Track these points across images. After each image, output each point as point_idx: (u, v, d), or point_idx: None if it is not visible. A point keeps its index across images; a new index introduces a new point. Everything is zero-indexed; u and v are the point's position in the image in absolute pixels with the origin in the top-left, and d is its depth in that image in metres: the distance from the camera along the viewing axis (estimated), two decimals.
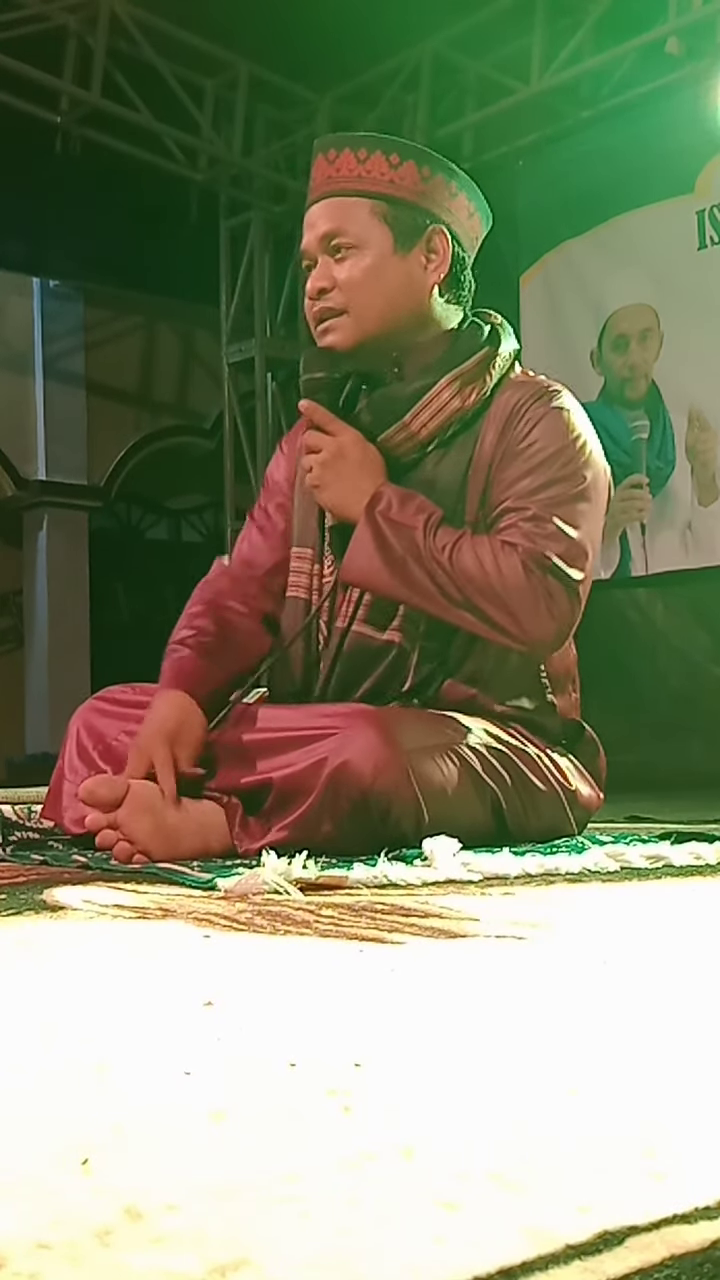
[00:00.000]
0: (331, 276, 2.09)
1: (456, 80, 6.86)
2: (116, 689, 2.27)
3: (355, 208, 2.09)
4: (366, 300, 2.08)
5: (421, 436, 2.10)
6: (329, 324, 2.10)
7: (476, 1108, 0.65)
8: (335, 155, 2.11)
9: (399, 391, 2.10)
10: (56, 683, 8.97)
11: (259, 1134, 0.60)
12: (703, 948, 1.20)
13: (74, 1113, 0.64)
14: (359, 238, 2.08)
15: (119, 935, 1.24)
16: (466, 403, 2.09)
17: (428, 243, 2.11)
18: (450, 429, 2.10)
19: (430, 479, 2.10)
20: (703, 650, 6.39)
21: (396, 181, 2.09)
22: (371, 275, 2.08)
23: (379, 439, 2.09)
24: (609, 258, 6.61)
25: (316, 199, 2.13)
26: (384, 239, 2.09)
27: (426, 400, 2.08)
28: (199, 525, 10.87)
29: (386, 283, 2.09)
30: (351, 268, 2.08)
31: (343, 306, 2.09)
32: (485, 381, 2.10)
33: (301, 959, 1.10)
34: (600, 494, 2.09)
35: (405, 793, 1.86)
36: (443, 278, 2.13)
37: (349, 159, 2.10)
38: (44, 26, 6.58)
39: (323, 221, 2.10)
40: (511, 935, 1.19)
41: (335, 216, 2.09)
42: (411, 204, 2.10)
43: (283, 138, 7.63)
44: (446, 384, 2.08)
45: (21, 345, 9.30)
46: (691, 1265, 0.46)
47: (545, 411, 2.08)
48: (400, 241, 2.09)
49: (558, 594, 1.99)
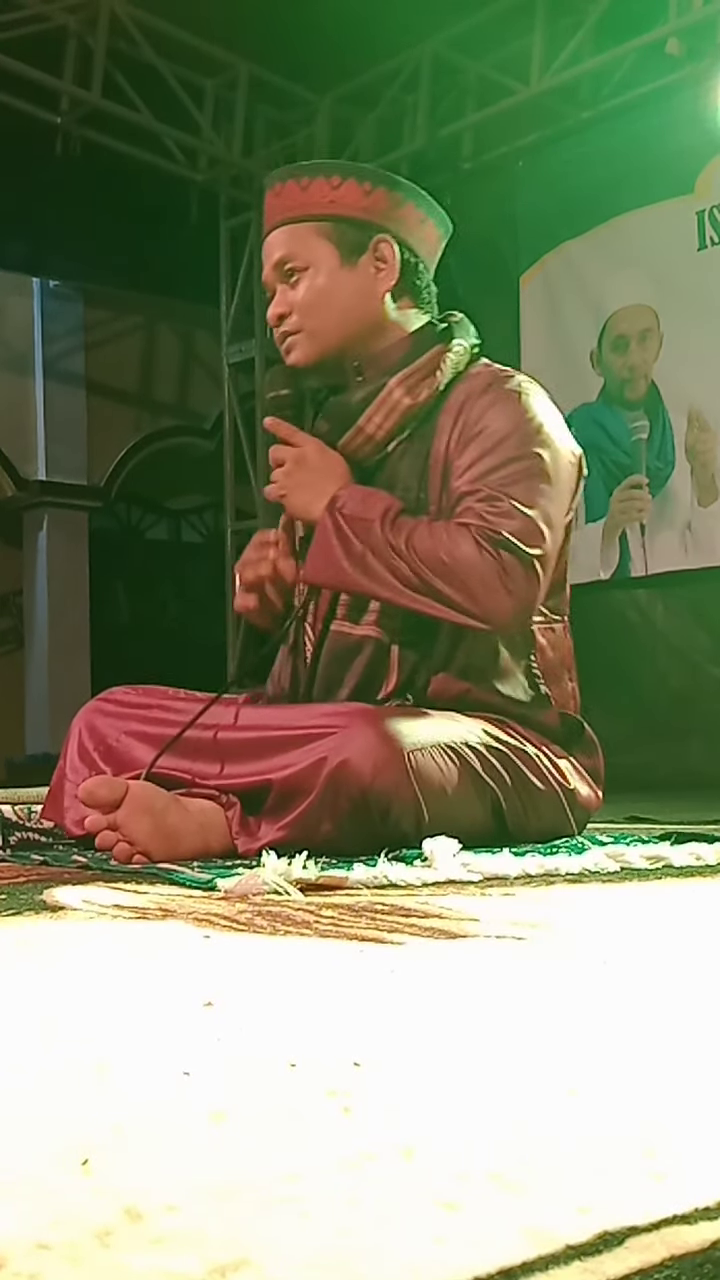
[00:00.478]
0: (288, 301, 2.18)
1: (456, 81, 6.85)
2: (119, 690, 2.27)
3: (302, 232, 2.17)
4: (321, 316, 2.16)
5: (379, 437, 2.15)
6: (289, 343, 2.19)
7: (476, 1108, 0.65)
8: (280, 188, 2.21)
9: (351, 397, 2.17)
10: (56, 683, 8.97)
11: (259, 1134, 0.60)
12: (703, 948, 1.20)
13: (74, 1113, 0.64)
14: (308, 259, 2.17)
15: (119, 935, 1.24)
16: (418, 399, 2.14)
17: (374, 252, 2.18)
18: (406, 426, 2.15)
19: (393, 476, 2.15)
20: (703, 650, 6.39)
21: (338, 200, 2.17)
22: (323, 293, 2.16)
23: (339, 445, 2.15)
24: (609, 258, 6.60)
25: (268, 232, 2.22)
26: (330, 255, 2.17)
27: (379, 402, 2.14)
28: (199, 526, 10.87)
29: (338, 297, 2.17)
30: (305, 289, 2.17)
31: (299, 328, 2.18)
32: (437, 377, 2.15)
33: (301, 959, 1.10)
34: (561, 473, 2.11)
35: (405, 792, 1.86)
36: (394, 283, 2.19)
37: (293, 189, 2.19)
38: (44, 27, 6.58)
39: (275, 250, 2.20)
40: (511, 936, 1.19)
41: (285, 244, 2.18)
42: (354, 219, 2.17)
43: (283, 138, 7.63)
44: (397, 383, 2.14)
45: (21, 345, 9.30)
46: (691, 1265, 0.46)
47: (498, 395, 2.12)
48: (346, 255, 2.17)
49: (513, 569, 2.00)
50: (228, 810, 1.96)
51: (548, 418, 2.14)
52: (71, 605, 9.30)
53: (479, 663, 2.10)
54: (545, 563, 2.05)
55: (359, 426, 2.14)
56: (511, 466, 2.06)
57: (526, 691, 2.15)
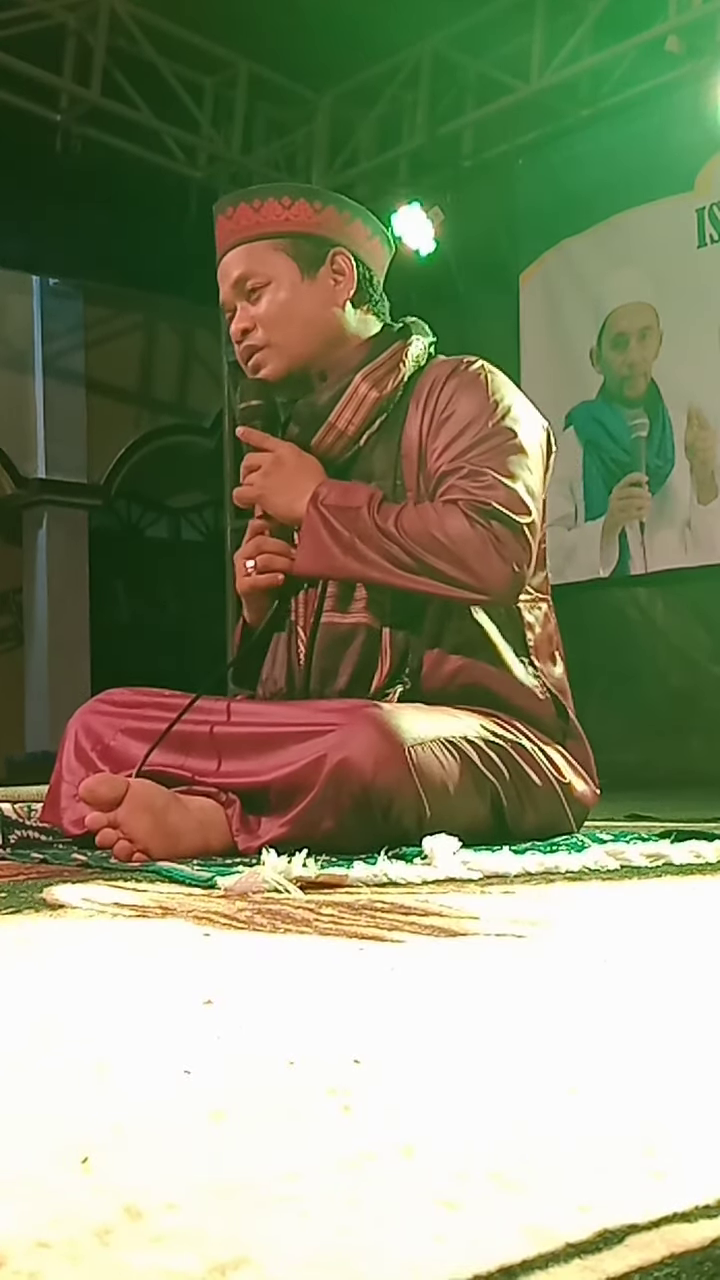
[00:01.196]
0: (250, 317, 2.23)
1: (456, 79, 6.85)
2: (116, 691, 2.27)
3: (260, 250, 2.23)
4: (285, 329, 2.22)
5: (350, 432, 2.20)
6: (256, 359, 2.24)
7: (476, 1107, 0.65)
8: (232, 211, 2.27)
9: (319, 398, 2.21)
10: (56, 681, 8.97)
11: (259, 1134, 0.60)
12: (703, 947, 1.20)
13: (74, 1112, 0.64)
14: (268, 274, 2.22)
15: (119, 933, 1.24)
16: (385, 391, 2.20)
17: (332, 264, 2.24)
18: (375, 419, 2.20)
19: (368, 469, 2.20)
20: (702, 648, 6.39)
21: (292, 219, 2.23)
22: (286, 306, 2.22)
23: (311, 445, 2.19)
24: (608, 256, 6.60)
25: (223, 254, 2.28)
26: (290, 270, 2.22)
27: (346, 398, 2.19)
28: (199, 524, 10.87)
29: (301, 308, 2.22)
30: (267, 304, 2.22)
31: (265, 342, 2.22)
32: (400, 369, 2.21)
33: (301, 957, 1.10)
34: (533, 447, 2.16)
35: (406, 788, 1.86)
36: (353, 293, 2.25)
37: (245, 211, 2.25)
38: (43, 24, 6.57)
39: (233, 268, 2.25)
40: (511, 934, 1.19)
41: (243, 262, 2.24)
42: (309, 235, 2.23)
43: (282, 136, 7.63)
44: (362, 379, 2.20)
45: (21, 344, 9.29)
46: (691, 1264, 0.46)
47: (463, 379, 2.18)
48: (305, 269, 2.23)
49: (505, 537, 2.04)
50: (227, 808, 1.96)
51: (513, 396, 2.19)
52: (71, 603, 9.29)
53: (470, 638, 2.13)
54: (534, 530, 2.10)
55: (330, 423, 2.19)
56: (487, 444, 2.11)
57: (517, 666, 2.17)
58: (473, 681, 2.11)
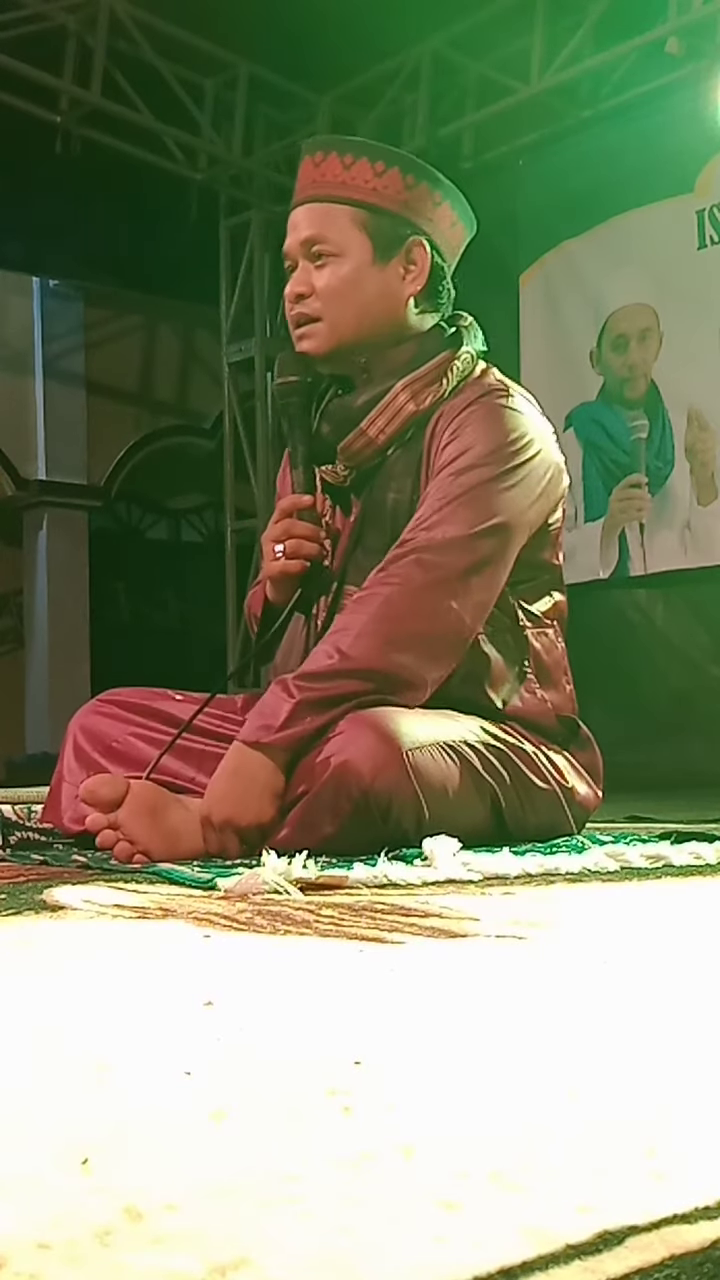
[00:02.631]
0: (310, 283, 2.13)
1: (456, 80, 6.85)
2: (116, 691, 2.27)
3: (337, 215, 2.12)
4: (342, 309, 2.12)
5: (380, 442, 2.12)
6: (305, 329, 2.14)
7: (476, 1108, 0.65)
8: (322, 158, 2.14)
9: (355, 400, 2.14)
10: (56, 683, 8.97)
11: (259, 1134, 0.60)
12: (703, 948, 1.20)
13: (74, 1113, 0.64)
14: (339, 246, 2.11)
15: (119, 935, 1.24)
16: (422, 405, 2.12)
17: (407, 254, 2.14)
18: (408, 431, 2.13)
19: (388, 479, 2.14)
20: (702, 649, 6.39)
21: (380, 190, 2.11)
22: (349, 285, 2.11)
23: (340, 446, 2.13)
24: (608, 257, 6.60)
25: (300, 202, 2.16)
26: (363, 249, 2.11)
27: (382, 406, 2.11)
28: (199, 525, 10.87)
29: (363, 293, 2.12)
30: (330, 276, 2.11)
31: (318, 314, 2.12)
32: (442, 384, 2.12)
33: (301, 959, 1.10)
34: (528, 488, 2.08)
35: (405, 792, 1.86)
36: (420, 289, 2.15)
37: (335, 164, 2.13)
38: (44, 26, 6.58)
39: (305, 226, 2.13)
40: (511, 935, 1.19)
41: (317, 222, 2.12)
42: (393, 213, 2.12)
43: (283, 138, 7.63)
44: (402, 388, 2.11)
45: (21, 345, 9.30)
46: (691, 1265, 0.46)
47: (482, 408, 2.09)
48: (380, 252, 2.12)
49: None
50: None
51: (538, 434, 2.12)
52: (71, 605, 9.30)
53: (471, 668, 2.07)
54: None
55: (361, 429, 2.12)
56: (468, 491, 2.03)
57: (520, 697, 2.14)
58: (474, 705, 2.08)
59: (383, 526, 2.13)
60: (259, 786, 1.89)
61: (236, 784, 1.90)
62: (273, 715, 1.91)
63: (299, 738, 1.90)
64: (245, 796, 1.89)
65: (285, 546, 2.13)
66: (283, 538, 2.14)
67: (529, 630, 2.16)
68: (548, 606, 2.20)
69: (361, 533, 2.16)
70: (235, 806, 1.89)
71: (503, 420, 2.09)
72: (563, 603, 2.24)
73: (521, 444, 2.09)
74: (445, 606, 1.99)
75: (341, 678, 1.92)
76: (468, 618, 2.02)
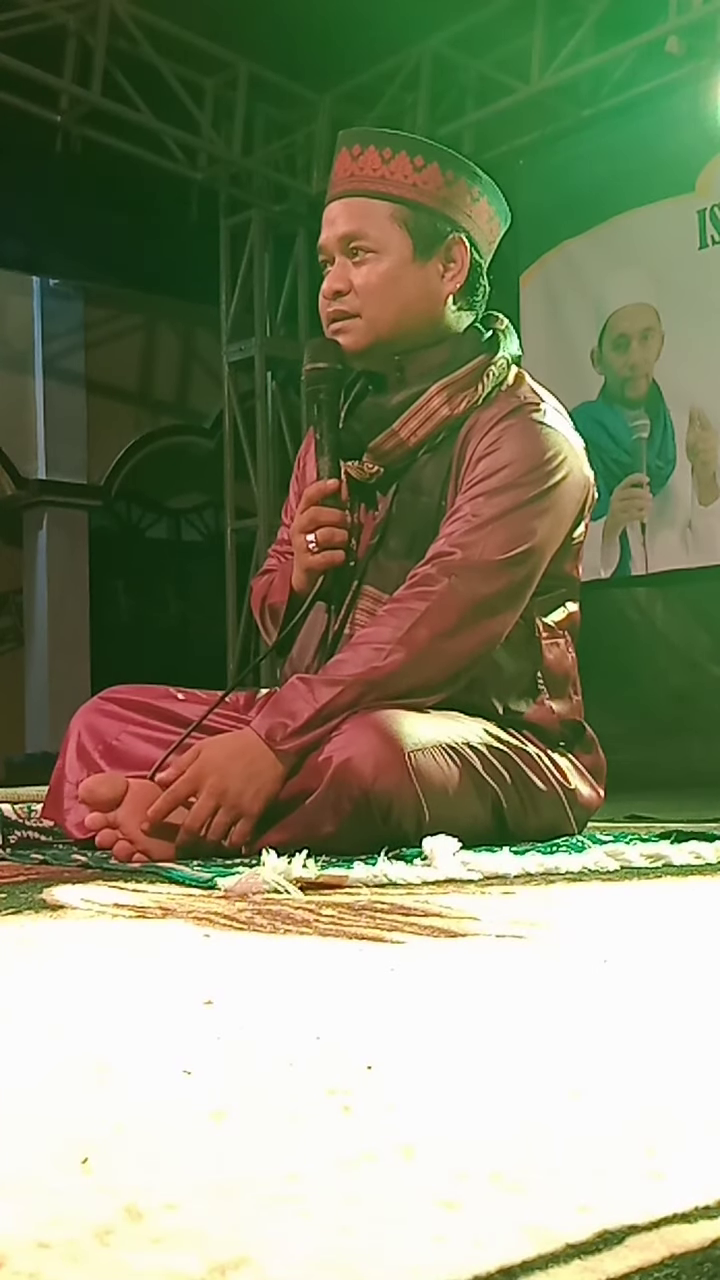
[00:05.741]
0: (348, 279, 2.09)
1: (456, 79, 6.86)
2: (118, 689, 2.27)
3: (376, 210, 2.08)
4: (381, 307, 2.08)
5: (411, 444, 2.10)
6: (342, 325, 2.11)
7: (476, 1108, 0.65)
8: (359, 151, 2.10)
9: (389, 400, 2.12)
10: (56, 682, 8.97)
11: (259, 1134, 0.60)
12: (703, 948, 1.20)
13: (74, 1112, 0.64)
14: (378, 242, 2.08)
15: (119, 934, 1.24)
16: (456, 410, 2.09)
17: (447, 252, 2.11)
18: (440, 435, 2.10)
19: (417, 482, 2.12)
20: (703, 649, 6.39)
21: (419, 185, 2.08)
22: (388, 282, 2.08)
23: (370, 446, 2.11)
24: (609, 257, 6.60)
25: (337, 195, 2.13)
26: (403, 246, 2.09)
27: (416, 408, 2.09)
28: (199, 525, 10.87)
29: (402, 291, 2.09)
30: (369, 273, 2.08)
31: (357, 311, 2.09)
32: (478, 390, 2.10)
33: (301, 958, 1.10)
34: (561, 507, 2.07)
35: (406, 792, 1.86)
36: (459, 287, 2.13)
37: (373, 157, 2.09)
38: (44, 25, 6.58)
39: (343, 221, 2.10)
40: (511, 934, 1.19)
41: (355, 217, 2.09)
42: (433, 210, 2.09)
43: (283, 137, 7.63)
44: (437, 391, 2.09)
45: (21, 344, 9.30)
46: (691, 1265, 0.46)
47: (517, 423, 2.07)
48: (420, 250, 2.09)
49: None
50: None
51: (569, 453, 2.10)
52: (71, 604, 9.30)
53: (486, 676, 2.07)
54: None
55: (393, 430, 2.09)
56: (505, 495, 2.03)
57: (530, 704, 2.14)
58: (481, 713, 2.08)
59: (406, 530, 2.12)
60: (258, 782, 1.89)
61: (236, 766, 1.88)
62: (291, 715, 1.91)
63: (311, 744, 1.90)
64: (242, 784, 1.87)
65: (317, 535, 2.10)
66: (310, 527, 2.11)
67: (544, 640, 2.15)
68: (561, 617, 2.20)
69: (385, 534, 2.13)
70: (229, 782, 1.86)
71: (539, 439, 2.07)
72: (576, 614, 2.23)
73: (556, 463, 2.07)
74: (476, 628, 2.01)
75: (366, 688, 1.92)
76: (493, 638, 2.04)
